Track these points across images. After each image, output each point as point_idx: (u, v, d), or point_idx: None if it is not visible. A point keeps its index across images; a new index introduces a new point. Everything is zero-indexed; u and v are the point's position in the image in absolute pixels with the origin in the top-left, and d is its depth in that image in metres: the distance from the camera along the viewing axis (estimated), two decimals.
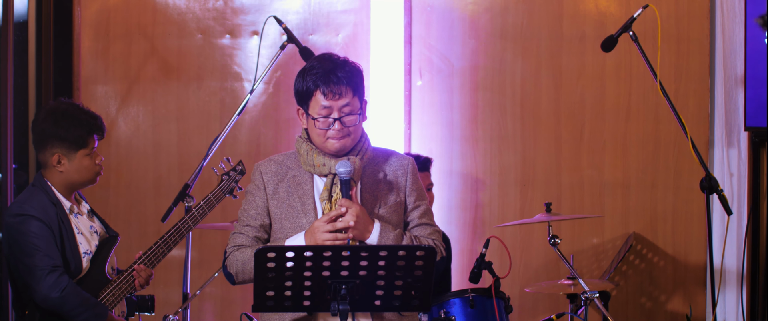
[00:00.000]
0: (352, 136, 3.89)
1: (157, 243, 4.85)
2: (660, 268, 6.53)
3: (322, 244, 3.77)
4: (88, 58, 6.60)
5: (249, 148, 6.58)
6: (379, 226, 3.85)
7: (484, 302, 5.34)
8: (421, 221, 4.00)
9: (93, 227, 4.79)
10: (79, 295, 4.56)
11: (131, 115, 6.63)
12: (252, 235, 3.96)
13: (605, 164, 6.54)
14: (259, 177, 3.99)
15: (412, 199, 4.00)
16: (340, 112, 3.86)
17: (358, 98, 3.90)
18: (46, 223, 4.57)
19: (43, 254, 4.52)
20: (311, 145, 3.93)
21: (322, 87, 3.84)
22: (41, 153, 4.72)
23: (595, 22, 6.49)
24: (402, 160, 4.04)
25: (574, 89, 6.53)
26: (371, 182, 3.96)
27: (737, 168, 6.40)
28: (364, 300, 3.61)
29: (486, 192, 6.57)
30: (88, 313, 4.57)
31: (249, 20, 6.59)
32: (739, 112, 6.35)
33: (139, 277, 4.76)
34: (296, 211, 3.92)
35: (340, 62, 3.89)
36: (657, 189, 6.51)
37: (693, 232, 6.50)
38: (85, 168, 4.73)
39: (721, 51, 6.41)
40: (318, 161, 3.89)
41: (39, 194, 4.65)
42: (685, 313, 6.44)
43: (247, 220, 3.98)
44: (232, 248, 3.96)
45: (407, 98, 6.53)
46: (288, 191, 3.94)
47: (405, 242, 3.87)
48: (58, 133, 4.67)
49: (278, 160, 4.02)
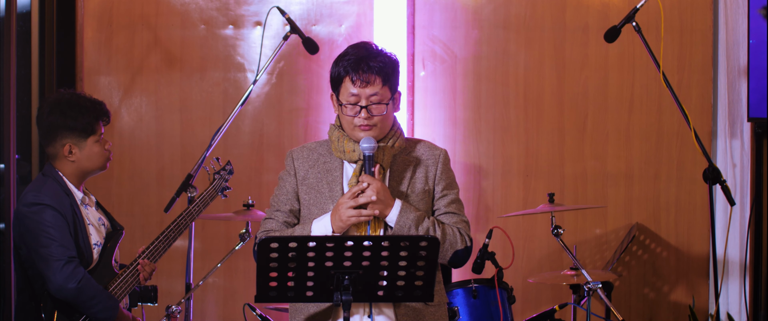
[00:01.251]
0: (379, 126, 3.90)
1: (158, 238, 4.86)
2: (663, 259, 6.53)
3: (347, 221, 3.79)
4: (91, 48, 6.60)
5: (252, 138, 6.58)
6: (400, 204, 3.85)
7: (487, 293, 5.34)
8: (448, 209, 3.99)
9: (101, 219, 4.81)
10: (94, 286, 4.57)
11: (134, 106, 6.63)
12: (282, 220, 3.98)
13: (608, 155, 6.54)
14: (291, 163, 4.02)
15: (441, 188, 4.00)
16: (367, 100, 3.87)
17: (388, 88, 3.90)
18: (61, 212, 4.58)
19: (59, 244, 4.53)
20: (342, 132, 3.95)
21: (352, 74, 3.87)
22: (51, 145, 4.73)
23: (599, 13, 6.48)
24: (434, 149, 4.04)
25: (578, 80, 6.53)
26: (401, 170, 3.97)
27: (740, 158, 6.40)
28: (367, 290, 3.62)
29: (489, 182, 6.58)
30: (102, 304, 4.58)
31: (252, 11, 6.58)
32: (742, 103, 6.35)
33: (144, 271, 4.78)
34: (324, 197, 3.94)
35: (374, 52, 3.92)
36: (660, 180, 6.51)
37: (696, 222, 6.50)
38: (96, 154, 4.75)
39: (724, 42, 6.41)
40: (348, 147, 3.91)
41: (52, 184, 4.66)
42: (688, 304, 6.45)
43: (278, 205, 4.01)
44: (262, 232, 3.98)
45: (410, 89, 6.53)
46: (318, 177, 3.97)
47: (426, 225, 3.86)
48: (67, 123, 4.69)
49: (310, 147, 4.05)
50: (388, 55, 3.93)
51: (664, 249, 6.52)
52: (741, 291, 6.36)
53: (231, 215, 5.72)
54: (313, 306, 3.89)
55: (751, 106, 6.18)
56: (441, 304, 3.98)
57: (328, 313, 3.88)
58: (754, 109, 6.17)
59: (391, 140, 3.94)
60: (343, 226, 3.81)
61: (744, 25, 6.26)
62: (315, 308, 3.89)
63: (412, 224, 3.83)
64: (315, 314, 3.89)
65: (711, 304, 6.41)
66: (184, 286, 5.53)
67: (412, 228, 3.83)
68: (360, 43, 3.97)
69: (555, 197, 5.68)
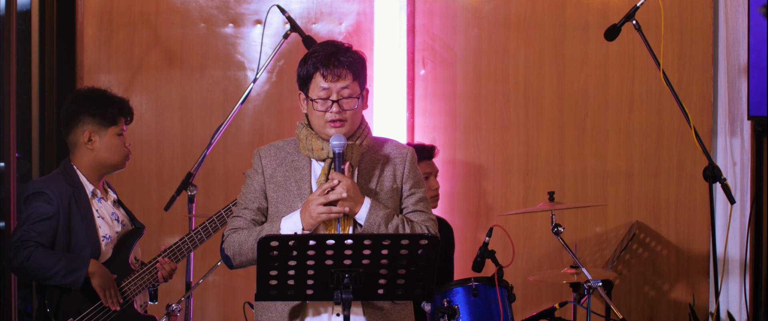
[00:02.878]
0: (350, 122, 3.90)
1: (182, 239, 4.88)
2: (663, 257, 6.53)
3: (317, 217, 3.78)
4: (91, 47, 6.60)
5: (252, 137, 6.59)
6: (369, 202, 3.85)
7: (487, 291, 5.34)
8: (415, 208, 3.98)
9: (116, 214, 4.83)
10: (45, 260, 4.55)
11: (134, 105, 6.56)
12: (249, 218, 3.97)
13: (608, 153, 6.54)
14: (258, 161, 4.01)
15: (408, 186, 3.99)
16: (338, 94, 3.88)
17: (358, 84, 3.91)
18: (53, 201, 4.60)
19: (25, 230, 4.57)
20: (310, 130, 3.94)
21: (322, 69, 3.88)
22: (72, 132, 4.77)
23: (598, 12, 6.48)
24: (401, 148, 4.05)
25: (578, 78, 6.53)
26: (369, 168, 3.97)
27: (740, 157, 6.40)
28: (367, 289, 3.62)
29: (489, 181, 6.58)
30: (62, 272, 4.56)
31: (252, 9, 6.59)
32: (742, 102, 6.35)
33: (163, 270, 4.81)
34: (292, 195, 3.93)
35: (342, 48, 3.93)
36: (660, 178, 6.51)
37: (696, 221, 6.50)
38: (116, 147, 4.79)
39: (724, 40, 6.41)
40: (316, 145, 3.91)
41: (57, 175, 4.72)
42: (688, 302, 6.45)
43: (245, 203, 4.00)
44: (230, 231, 3.97)
45: (410, 87, 6.53)
46: (285, 175, 3.96)
47: (395, 223, 3.87)
48: (90, 110, 4.76)
49: (278, 146, 4.04)
50: (356, 51, 3.95)
51: (664, 247, 6.52)
52: (741, 289, 6.36)
53: None
54: (281, 304, 3.88)
55: (751, 105, 6.18)
56: (407, 303, 3.98)
57: (298, 310, 3.87)
58: (754, 108, 6.17)
59: (359, 139, 3.94)
60: (312, 223, 3.80)
61: (744, 24, 6.26)
62: (283, 305, 3.88)
63: (381, 222, 3.84)
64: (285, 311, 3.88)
65: (711, 302, 6.42)
66: (184, 285, 5.53)
67: (381, 226, 3.83)
68: (326, 42, 3.98)
69: (555, 195, 5.67)
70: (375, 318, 3.87)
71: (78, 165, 4.75)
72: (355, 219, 3.86)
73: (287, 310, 3.87)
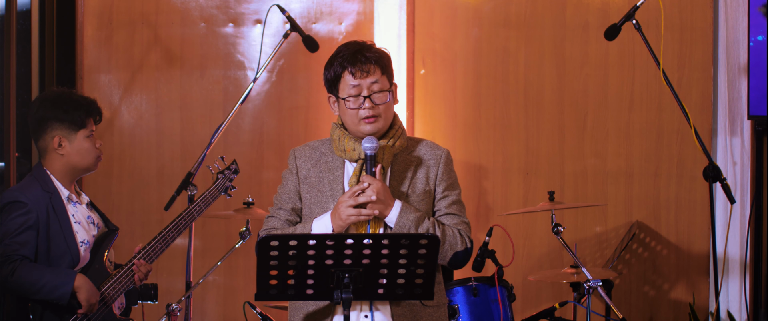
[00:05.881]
0: (383, 117, 3.90)
1: (155, 238, 4.84)
2: (663, 257, 6.53)
3: (347, 219, 3.78)
4: (91, 46, 6.60)
5: (252, 136, 6.59)
6: (400, 205, 3.84)
7: (487, 291, 5.34)
8: (448, 211, 3.97)
9: (91, 218, 4.78)
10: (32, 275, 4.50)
11: (134, 104, 6.63)
12: (284, 218, 3.98)
13: (608, 153, 6.54)
14: (293, 161, 4.02)
15: (442, 188, 3.98)
16: (369, 89, 3.88)
17: (386, 78, 3.92)
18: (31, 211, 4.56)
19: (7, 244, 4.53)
20: (344, 131, 3.94)
21: (350, 67, 3.88)
22: (41, 138, 4.71)
23: (599, 11, 6.48)
24: (436, 149, 4.03)
25: (578, 78, 6.53)
26: (401, 170, 3.96)
27: (740, 156, 6.40)
28: (367, 288, 3.62)
29: (489, 180, 6.58)
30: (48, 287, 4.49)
31: (252, 9, 6.59)
32: (742, 101, 6.34)
33: (139, 272, 4.75)
34: (325, 196, 3.93)
35: (366, 44, 3.94)
36: (660, 178, 6.51)
37: (696, 220, 6.50)
38: (86, 150, 4.72)
39: (724, 40, 6.40)
40: (349, 146, 3.90)
41: (32, 182, 4.65)
42: (688, 302, 6.45)
43: (280, 203, 4.00)
44: (264, 231, 3.97)
45: (410, 87, 6.53)
46: (319, 176, 3.96)
47: (426, 226, 3.86)
48: (57, 115, 4.67)
49: (313, 146, 4.04)
50: (380, 48, 3.96)
51: (664, 247, 6.52)
52: (741, 289, 6.36)
53: (231, 213, 5.72)
54: (312, 304, 3.89)
55: (751, 104, 6.18)
56: (440, 305, 3.96)
57: (327, 311, 3.88)
58: (754, 107, 6.17)
59: (392, 139, 3.93)
60: (342, 225, 3.80)
61: (744, 23, 6.25)
62: (314, 306, 3.89)
63: (412, 225, 3.83)
64: (314, 312, 3.89)
65: (711, 302, 6.42)
66: (184, 285, 5.53)
67: (412, 228, 3.82)
68: (349, 42, 3.99)
69: (555, 195, 5.68)
70: (404, 319, 3.87)
71: (50, 169, 4.69)
72: (385, 221, 3.86)
73: (317, 309, 3.87)
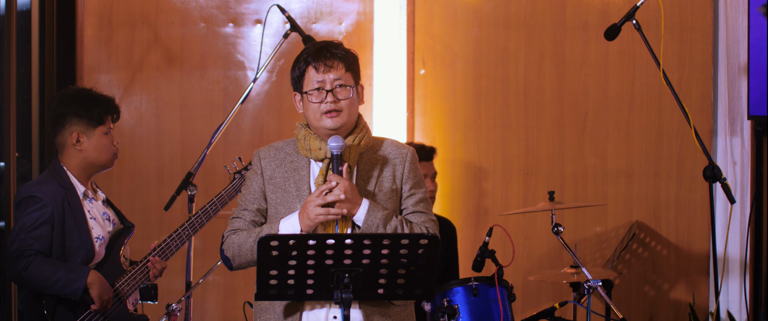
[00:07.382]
0: (346, 112, 3.89)
1: (170, 236, 4.86)
2: (663, 257, 6.53)
3: (315, 219, 3.77)
4: (91, 46, 6.60)
5: (252, 136, 6.59)
6: (367, 203, 3.83)
7: (487, 290, 5.34)
8: (415, 209, 3.96)
9: (107, 214, 4.81)
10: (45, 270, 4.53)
11: (134, 104, 6.63)
12: (249, 219, 3.96)
13: (608, 153, 6.54)
14: (258, 162, 4.01)
15: (408, 187, 3.97)
16: (332, 84, 3.87)
17: (351, 76, 3.91)
18: (47, 206, 4.59)
19: (23, 237, 4.55)
20: (309, 130, 3.94)
21: (314, 62, 3.89)
22: (60, 134, 4.75)
23: (598, 11, 6.48)
24: (401, 148, 4.02)
25: (578, 78, 6.53)
26: (368, 169, 3.95)
27: (740, 156, 6.40)
28: (367, 288, 3.62)
29: (489, 181, 6.58)
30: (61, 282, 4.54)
31: (252, 9, 6.59)
32: (742, 101, 6.35)
33: (154, 269, 4.79)
34: (291, 197, 3.92)
35: (333, 43, 3.94)
36: (660, 178, 6.51)
37: (696, 220, 6.50)
38: (104, 147, 4.76)
39: (724, 40, 6.41)
40: (314, 145, 3.90)
41: (49, 177, 4.69)
42: (688, 302, 6.45)
43: (245, 204, 3.99)
44: (229, 232, 3.96)
45: (410, 87, 6.53)
46: (284, 176, 3.95)
47: (394, 224, 3.86)
48: (77, 110, 4.72)
49: (277, 147, 4.04)
50: (348, 48, 3.97)
51: (664, 247, 6.52)
52: (741, 289, 6.37)
53: (231, 213, 5.71)
54: (278, 304, 3.87)
55: (751, 104, 6.18)
56: (407, 304, 3.95)
57: (296, 306, 3.86)
58: (754, 107, 6.17)
59: (357, 138, 3.93)
60: (310, 224, 3.79)
61: (744, 23, 6.26)
62: (280, 305, 3.87)
63: (380, 223, 3.82)
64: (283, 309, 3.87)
65: (711, 302, 6.42)
66: (184, 285, 5.53)
67: (380, 227, 3.82)
68: (316, 41, 4.01)
69: (555, 195, 5.67)
70: (372, 314, 3.86)
71: (67, 166, 4.73)
72: (353, 220, 3.85)
73: (283, 307, 3.86)
